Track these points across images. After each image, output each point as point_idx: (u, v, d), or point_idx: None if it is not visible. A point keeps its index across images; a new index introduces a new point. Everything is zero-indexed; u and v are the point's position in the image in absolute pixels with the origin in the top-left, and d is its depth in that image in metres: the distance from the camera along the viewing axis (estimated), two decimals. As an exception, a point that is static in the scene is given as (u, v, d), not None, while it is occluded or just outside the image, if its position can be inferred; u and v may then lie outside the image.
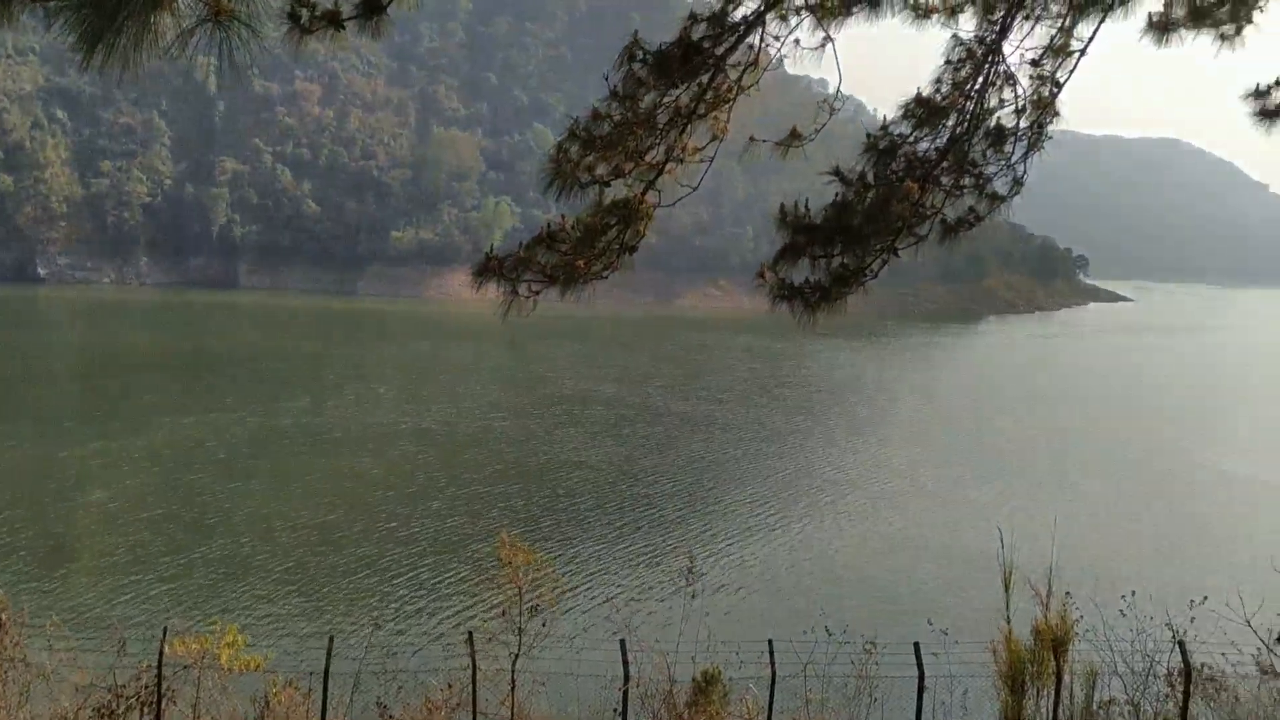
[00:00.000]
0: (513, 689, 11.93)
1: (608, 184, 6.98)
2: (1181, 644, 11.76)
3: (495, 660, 12.18)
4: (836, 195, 7.21)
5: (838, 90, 7.09)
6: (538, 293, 7.05)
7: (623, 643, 11.66)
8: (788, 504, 41.13)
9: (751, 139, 7.40)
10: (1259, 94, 8.70)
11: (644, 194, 7.08)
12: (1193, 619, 12.18)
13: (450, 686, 12.08)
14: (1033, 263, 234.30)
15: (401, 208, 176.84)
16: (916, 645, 11.47)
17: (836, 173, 7.26)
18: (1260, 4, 8.58)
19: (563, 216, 7.08)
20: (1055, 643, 11.90)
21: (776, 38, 7.03)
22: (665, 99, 6.86)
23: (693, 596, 14.59)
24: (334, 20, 6.18)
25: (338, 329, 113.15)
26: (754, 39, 6.93)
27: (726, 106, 7.06)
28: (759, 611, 27.11)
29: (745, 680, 12.39)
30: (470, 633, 12.23)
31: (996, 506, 38.75)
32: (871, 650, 12.09)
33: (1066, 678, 11.95)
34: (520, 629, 12.21)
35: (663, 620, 22.89)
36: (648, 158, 7.00)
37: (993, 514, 34.19)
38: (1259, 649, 12.15)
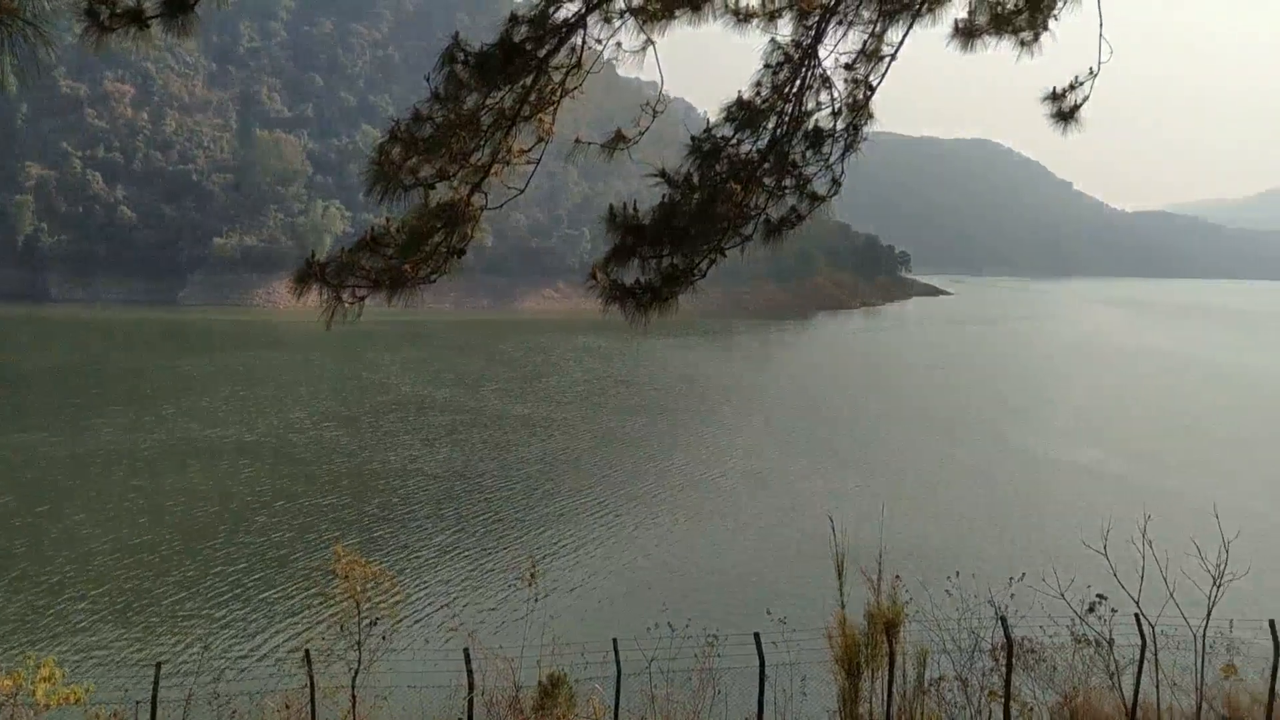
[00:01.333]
0: (353, 705, 11.60)
1: (432, 186, 6.85)
2: (1003, 619, 12.36)
3: (334, 677, 11.81)
4: (664, 197, 7.27)
5: (660, 93, 7.14)
6: (363, 298, 6.86)
7: (466, 651, 11.47)
8: (627, 502, 41.44)
9: (577, 140, 7.39)
10: (1055, 96, 9.23)
11: (470, 196, 6.99)
12: (1013, 595, 12.84)
13: (288, 707, 11.64)
14: (858, 260, 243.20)
15: (224, 213, 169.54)
16: (757, 635, 11.69)
17: (663, 174, 7.33)
18: (1055, 12, 9.11)
19: (387, 219, 6.92)
20: (887, 625, 12.31)
21: (599, 40, 7.05)
22: (489, 101, 6.79)
23: (536, 600, 14.51)
24: (136, 18, 5.85)
25: (158, 340, 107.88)
26: (576, 41, 6.93)
27: (551, 109, 7.04)
28: (603, 611, 27.22)
29: (591, 681, 12.38)
30: (307, 650, 11.82)
31: (830, 495, 39.94)
32: (714, 643, 12.25)
33: (899, 658, 12.37)
34: (360, 643, 11.88)
35: (507, 625, 22.73)
36: (473, 160, 6.91)
37: (826, 503, 35.30)
38: (1073, 619, 12.91)
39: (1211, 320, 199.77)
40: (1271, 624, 12.31)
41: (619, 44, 7.07)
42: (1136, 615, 12.60)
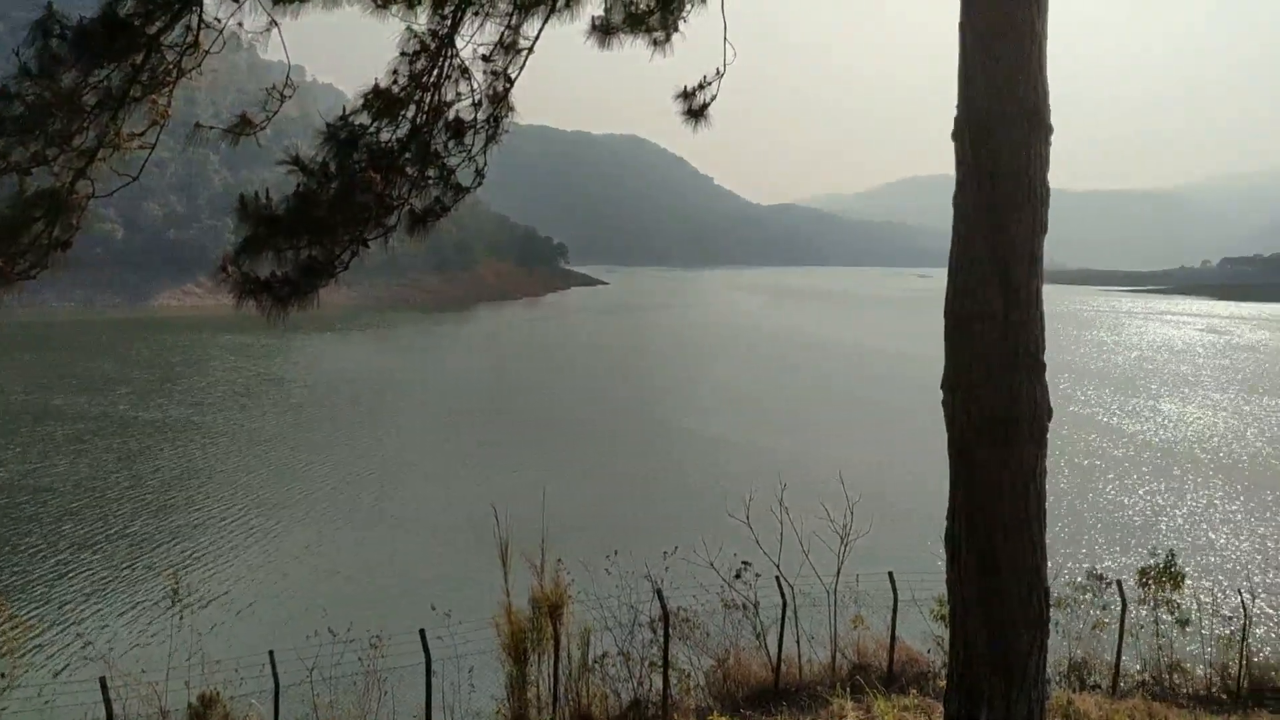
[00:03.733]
0: (-35, 757, 10.31)
1: (29, 172, 6.15)
2: (659, 592, 12.98)
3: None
4: (298, 185, 6.95)
5: (288, 77, 6.82)
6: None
7: (102, 680, 10.52)
8: (276, 507, 39.36)
9: (198, 125, 6.90)
10: (686, 95, 9.76)
11: (74, 183, 6.34)
12: (667, 569, 13.48)
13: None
14: (519, 251, 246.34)
15: None
16: (421, 632, 11.56)
17: (295, 161, 6.99)
18: (684, 14, 9.60)
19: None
20: (552, 609, 12.56)
21: (218, 19, 6.61)
22: (90, 79, 6.17)
23: (181, 617, 13.52)
24: None
25: None
26: (191, 19, 6.45)
27: (167, 90, 6.52)
28: (257, 623, 25.78)
29: (247, 697, 11.75)
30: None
31: (493, 484, 39.98)
32: (378, 644, 11.99)
33: (564, 640, 12.66)
34: (-31, 686, 10.58)
35: (149, 647, 21.06)
36: (75, 143, 6.27)
37: (490, 492, 35.30)
38: (722, 587, 13.77)
39: (830, 302, 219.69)
40: (890, 575, 13.70)
41: (240, 24, 6.66)
42: (777, 578, 13.61)
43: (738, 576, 13.91)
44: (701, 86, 9.76)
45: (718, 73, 9.66)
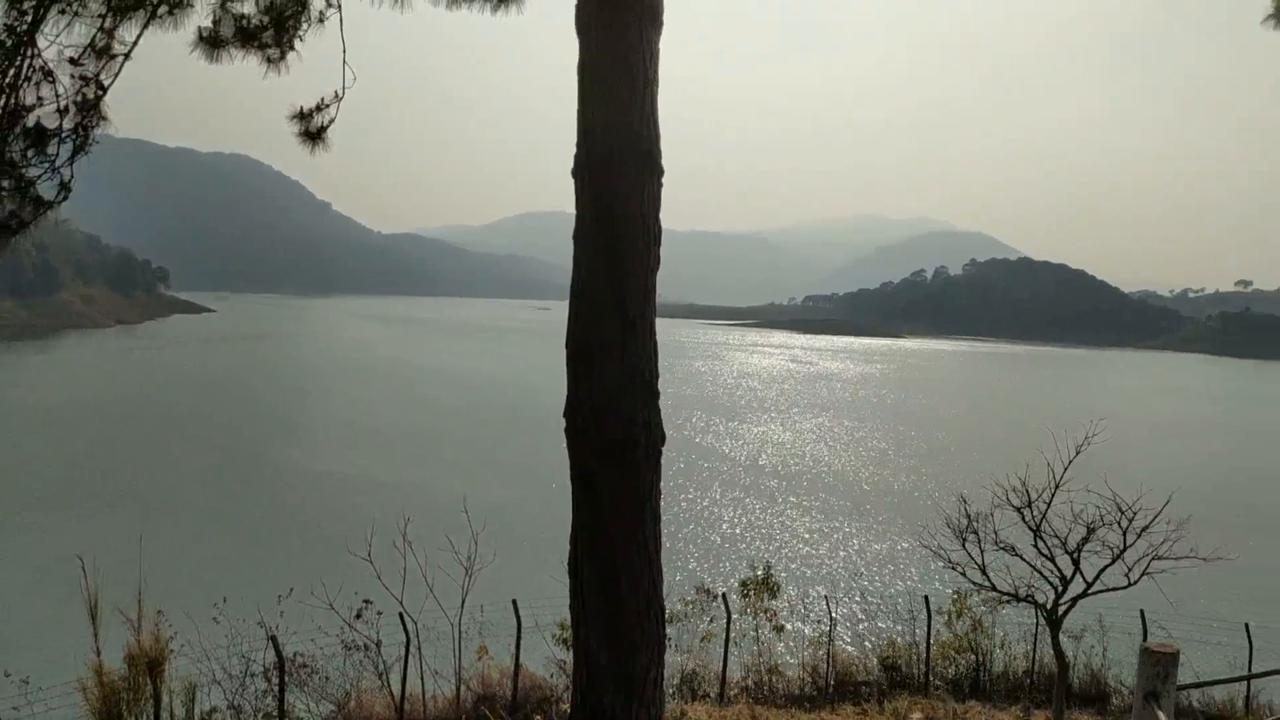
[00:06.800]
0: None
1: None
2: (274, 639, 12.24)
3: None
4: None
5: None
6: None
7: None
8: None
9: None
10: (302, 116, 9.36)
11: None
12: (282, 613, 12.75)
13: None
14: (112, 275, 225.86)
15: None
16: (-11, 709, 10.19)
17: None
18: (300, 33, 9.21)
19: None
20: (150, 664, 11.53)
21: None
22: None
23: None
24: None
25: None
26: None
27: None
28: None
29: None
30: None
31: (80, 534, 36.14)
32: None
33: (166, 698, 11.65)
34: None
35: None
36: None
37: (77, 543, 31.87)
38: (342, 628, 13.22)
39: (453, 333, 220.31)
40: (514, 603, 13.82)
41: None
42: (400, 614, 13.31)
43: (358, 616, 13.42)
44: (320, 108, 9.41)
45: (336, 95, 9.36)
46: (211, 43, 8.73)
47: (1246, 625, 15.72)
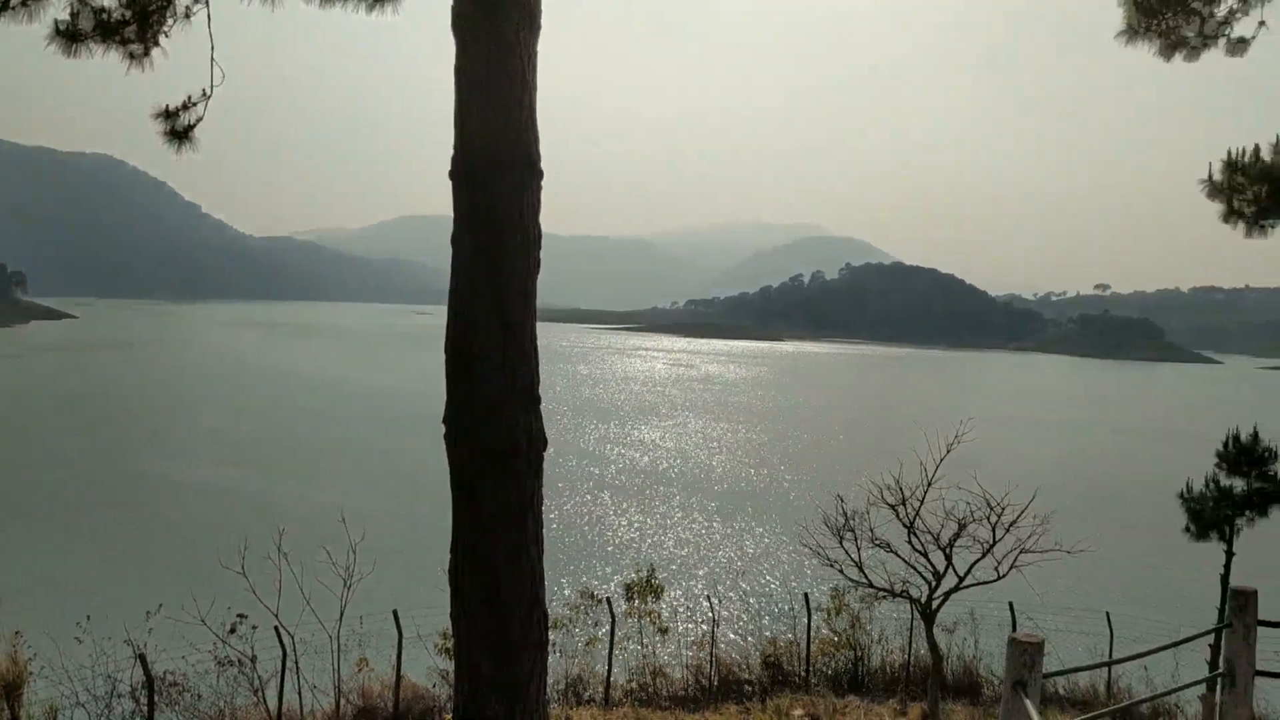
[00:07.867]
0: None
1: None
2: (142, 657, 11.78)
3: None
4: None
5: None
6: None
7: None
8: None
9: None
10: (168, 115, 9.02)
11: None
12: (151, 630, 12.27)
13: None
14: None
15: None
16: None
17: None
18: (165, 29, 8.87)
19: None
20: (8, 688, 11.00)
21: None
22: None
23: None
24: None
25: None
26: None
27: None
28: None
29: None
30: None
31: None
32: None
33: (25, 721, 11.14)
34: None
35: None
36: None
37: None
38: (215, 643, 12.78)
39: (332, 339, 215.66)
40: (395, 614, 13.58)
41: None
42: (276, 628, 12.94)
43: (232, 631, 12.99)
44: (186, 107, 9.08)
45: (204, 94, 9.05)
46: (69, 36, 8.36)
47: (1107, 614, 16.46)
